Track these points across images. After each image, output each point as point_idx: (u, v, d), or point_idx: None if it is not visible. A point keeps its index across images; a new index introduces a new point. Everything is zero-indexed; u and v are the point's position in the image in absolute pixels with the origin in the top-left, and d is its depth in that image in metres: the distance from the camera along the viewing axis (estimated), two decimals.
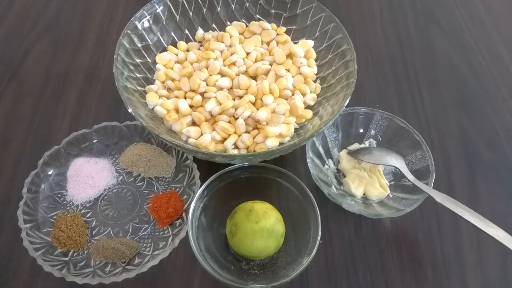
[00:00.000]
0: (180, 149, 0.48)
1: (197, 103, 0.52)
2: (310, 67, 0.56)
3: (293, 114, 0.52)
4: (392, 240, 0.51)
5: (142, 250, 0.48)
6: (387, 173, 0.56)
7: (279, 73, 0.54)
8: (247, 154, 0.47)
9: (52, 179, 0.52)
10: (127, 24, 0.53)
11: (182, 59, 0.57)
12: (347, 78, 0.51)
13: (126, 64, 0.52)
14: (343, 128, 0.57)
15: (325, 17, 0.56)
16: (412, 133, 0.54)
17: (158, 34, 0.57)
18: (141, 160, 0.54)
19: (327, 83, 0.55)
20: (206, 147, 0.48)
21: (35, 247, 0.45)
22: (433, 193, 0.48)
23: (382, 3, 0.78)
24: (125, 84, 0.50)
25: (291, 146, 0.46)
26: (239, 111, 0.50)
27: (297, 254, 0.46)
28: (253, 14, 0.62)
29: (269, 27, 0.59)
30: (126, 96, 0.47)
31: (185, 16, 0.59)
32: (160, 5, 0.56)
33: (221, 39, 0.58)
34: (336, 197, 0.49)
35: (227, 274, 0.44)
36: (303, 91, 0.54)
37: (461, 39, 0.73)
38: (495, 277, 0.49)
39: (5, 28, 0.72)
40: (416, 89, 0.66)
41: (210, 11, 0.60)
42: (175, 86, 0.54)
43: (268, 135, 0.49)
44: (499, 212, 0.54)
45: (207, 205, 0.48)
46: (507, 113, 0.64)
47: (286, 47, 0.57)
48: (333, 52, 0.56)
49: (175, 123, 0.50)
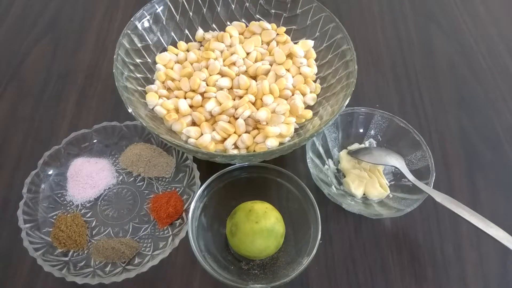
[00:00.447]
0: (180, 149, 0.48)
1: (197, 103, 0.52)
2: (310, 67, 0.56)
3: (293, 114, 0.52)
4: (392, 240, 0.51)
5: (142, 250, 0.48)
6: (387, 173, 0.56)
7: (279, 73, 0.54)
8: (247, 154, 0.47)
9: (52, 179, 0.52)
10: (127, 24, 0.53)
11: (182, 59, 0.57)
12: (347, 78, 0.51)
13: (126, 64, 0.52)
14: (343, 128, 0.57)
15: (325, 17, 0.56)
16: (412, 133, 0.54)
17: (158, 34, 0.57)
18: (141, 160, 0.54)
19: (327, 83, 0.55)
20: (206, 147, 0.48)
21: (35, 247, 0.45)
22: (433, 193, 0.48)
23: (382, 3, 0.78)
24: (125, 84, 0.50)
25: (291, 146, 0.46)
26: (239, 111, 0.50)
27: (297, 254, 0.46)
28: (253, 14, 0.62)
29: (269, 27, 0.59)
30: (126, 96, 0.47)
31: (185, 16, 0.59)
32: (160, 5, 0.56)
33: (221, 39, 0.58)
34: (336, 197, 0.49)
35: (227, 274, 0.44)
36: (303, 91, 0.54)
37: (461, 39, 0.73)
38: (495, 277, 0.49)
39: (5, 28, 0.72)
40: (416, 89, 0.66)
41: (210, 11, 0.60)
42: (175, 86, 0.54)
43: (268, 135, 0.49)
44: (499, 212, 0.54)
45: (207, 205, 0.49)
46: (507, 113, 0.64)
47: (286, 47, 0.57)
48: (333, 52, 0.56)
49: (175, 123, 0.50)
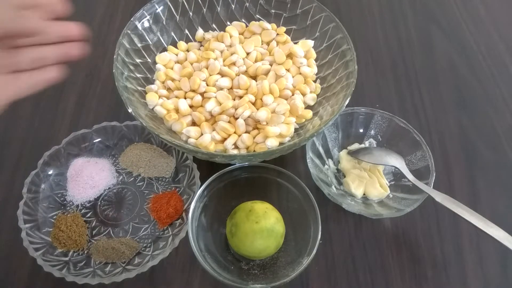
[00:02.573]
0: (180, 149, 0.48)
1: (197, 103, 0.52)
2: (310, 67, 0.56)
3: (293, 114, 0.52)
4: (392, 240, 0.51)
5: (142, 250, 0.48)
6: (387, 173, 0.56)
7: (279, 73, 0.54)
8: (247, 154, 0.47)
9: (52, 179, 0.52)
10: (127, 24, 0.53)
11: (182, 59, 0.57)
12: (347, 78, 0.51)
13: (126, 64, 0.52)
14: (343, 128, 0.57)
15: (325, 17, 0.56)
16: (412, 133, 0.54)
17: (158, 34, 0.57)
18: (141, 160, 0.54)
19: (327, 83, 0.55)
20: (206, 147, 0.48)
21: (35, 247, 0.45)
22: (433, 193, 0.48)
23: (382, 3, 0.78)
24: (125, 84, 0.50)
25: (291, 146, 0.46)
26: (239, 111, 0.50)
27: (297, 254, 0.46)
28: (253, 14, 0.62)
29: (269, 27, 0.59)
30: (126, 96, 0.47)
31: (185, 16, 0.59)
32: (160, 5, 0.56)
33: (221, 39, 0.58)
34: (336, 197, 0.49)
35: (227, 274, 0.44)
36: (303, 91, 0.54)
37: (461, 39, 0.73)
38: (495, 277, 0.49)
39: None
40: (416, 89, 0.66)
41: (210, 11, 0.60)
42: (175, 86, 0.54)
43: (268, 135, 0.49)
44: (499, 212, 0.54)
45: (207, 205, 0.48)
46: (507, 113, 0.64)
47: (286, 47, 0.57)
48: (333, 52, 0.56)
49: (175, 123, 0.50)
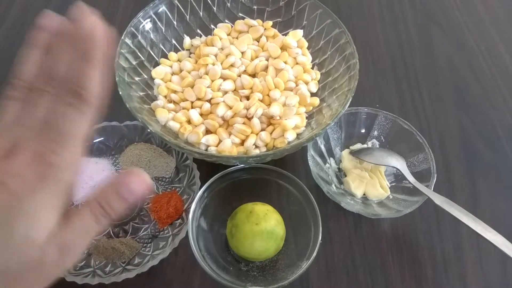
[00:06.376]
0: (201, 157, 0.46)
1: (206, 111, 0.51)
2: (305, 55, 0.57)
3: (302, 103, 0.52)
4: (392, 240, 0.51)
5: (142, 250, 0.48)
6: (388, 174, 0.55)
7: (278, 66, 0.54)
8: (273, 152, 0.46)
9: None
10: (119, 44, 0.50)
11: (178, 70, 0.56)
12: (346, 61, 0.52)
13: (129, 84, 0.50)
14: (346, 127, 0.57)
15: (311, 4, 0.57)
16: (415, 135, 0.53)
17: (149, 49, 0.56)
18: (141, 160, 0.54)
19: (325, 68, 0.56)
20: (230, 152, 0.48)
21: None
22: (432, 195, 0.48)
23: (382, 3, 0.78)
24: (135, 105, 0.48)
25: (311, 137, 0.46)
26: (251, 111, 0.50)
27: (296, 257, 0.46)
28: (235, 13, 0.61)
29: (256, 23, 0.58)
30: (141, 117, 0.46)
31: (169, 26, 0.57)
32: (146, 20, 0.54)
33: (211, 43, 0.57)
34: (335, 196, 0.49)
35: (226, 275, 0.44)
36: (305, 80, 0.54)
37: (461, 39, 0.73)
38: (495, 277, 0.49)
39: (5, 28, 0.72)
40: (416, 89, 0.66)
41: (194, 17, 0.59)
42: (179, 98, 0.52)
43: (286, 128, 0.49)
44: (499, 212, 0.54)
45: (208, 205, 0.48)
46: (507, 113, 0.64)
47: (277, 40, 0.56)
48: (324, 38, 0.56)
49: (191, 135, 0.49)
